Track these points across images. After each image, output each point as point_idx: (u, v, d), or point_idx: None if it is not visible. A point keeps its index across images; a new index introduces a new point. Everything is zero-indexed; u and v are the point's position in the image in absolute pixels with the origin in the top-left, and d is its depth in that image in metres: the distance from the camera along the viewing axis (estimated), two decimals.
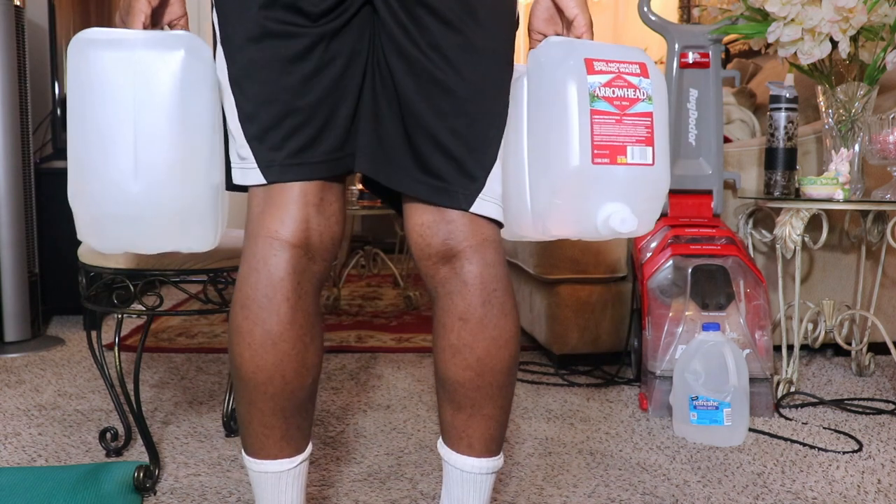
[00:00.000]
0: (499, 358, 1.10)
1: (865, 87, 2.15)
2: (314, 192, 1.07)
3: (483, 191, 1.07)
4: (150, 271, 1.59)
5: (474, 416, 1.12)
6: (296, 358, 1.07)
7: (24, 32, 2.76)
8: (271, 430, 1.10)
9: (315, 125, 1.04)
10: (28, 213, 2.80)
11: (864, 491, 1.59)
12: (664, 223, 2.24)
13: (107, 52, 1.01)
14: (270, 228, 1.05)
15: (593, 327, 2.41)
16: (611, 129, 1.01)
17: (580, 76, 1.01)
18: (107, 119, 1.02)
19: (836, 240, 2.46)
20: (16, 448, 1.79)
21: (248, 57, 1.03)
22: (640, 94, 1.03)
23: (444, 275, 1.10)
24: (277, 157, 1.05)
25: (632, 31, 5.51)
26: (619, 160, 1.01)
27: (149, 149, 1.02)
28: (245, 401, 1.09)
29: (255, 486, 1.13)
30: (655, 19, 2.31)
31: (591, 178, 1.01)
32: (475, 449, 1.14)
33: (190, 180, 1.06)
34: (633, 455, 1.77)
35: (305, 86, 1.03)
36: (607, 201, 1.03)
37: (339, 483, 1.61)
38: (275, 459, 1.11)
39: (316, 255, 1.08)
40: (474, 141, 1.06)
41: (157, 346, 2.73)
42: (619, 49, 1.05)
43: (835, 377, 2.38)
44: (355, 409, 2.08)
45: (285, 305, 1.05)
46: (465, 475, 1.15)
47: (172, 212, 1.06)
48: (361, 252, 3.70)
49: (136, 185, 1.03)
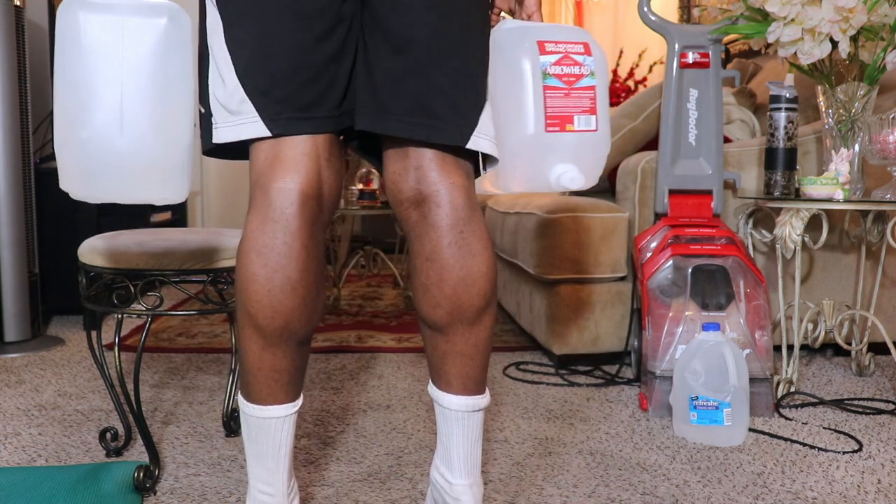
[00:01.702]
0: (466, 296, 1.17)
1: (865, 87, 2.15)
2: (324, 146, 1.14)
3: (477, 128, 1.16)
4: (150, 271, 1.59)
5: (449, 354, 1.20)
6: (311, 303, 1.14)
7: (24, 32, 2.76)
8: (281, 375, 1.15)
9: (324, 82, 1.11)
10: (28, 213, 2.80)
11: (864, 491, 1.59)
12: (664, 223, 2.24)
13: (97, 15, 1.10)
14: (286, 178, 1.11)
15: (593, 327, 2.41)
16: (560, 101, 1.18)
17: (534, 57, 1.17)
18: (95, 76, 1.10)
19: (836, 240, 2.46)
20: (16, 448, 1.79)
21: (256, 14, 1.09)
22: (584, 71, 1.19)
23: (414, 219, 1.19)
24: (285, 111, 1.10)
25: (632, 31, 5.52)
26: (567, 128, 1.18)
27: (133, 105, 1.11)
28: (257, 346, 1.14)
29: (256, 433, 1.18)
30: (655, 19, 2.31)
31: (544, 144, 1.18)
32: (453, 386, 1.22)
33: (168, 136, 1.13)
34: (633, 455, 1.77)
35: (318, 45, 1.10)
36: (558, 162, 1.19)
37: (339, 483, 1.61)
38: (281, 404, 1.17)
39: (325, 205, 1.15)
40: (466, 80, 1.15)
41: (157, 346, 2.73)
42: (565, 30, 1.21)
43: (835, 377, 2.38)
44: (355, 409, 2.08)
45: (304, 253, 1.11)
46: (446, 412, 1.22)
47: (152, 164, 1.13)
48: (361, 252, 3.70)
49: (121, 138, 1.11)
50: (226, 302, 1.65)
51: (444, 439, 1.24)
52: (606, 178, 2.72)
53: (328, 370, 2.44)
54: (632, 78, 5.36)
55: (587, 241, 2.37)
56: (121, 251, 1.61)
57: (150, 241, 1.64)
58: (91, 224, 3.02)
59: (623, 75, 5.40)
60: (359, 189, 3.32)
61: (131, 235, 1.71)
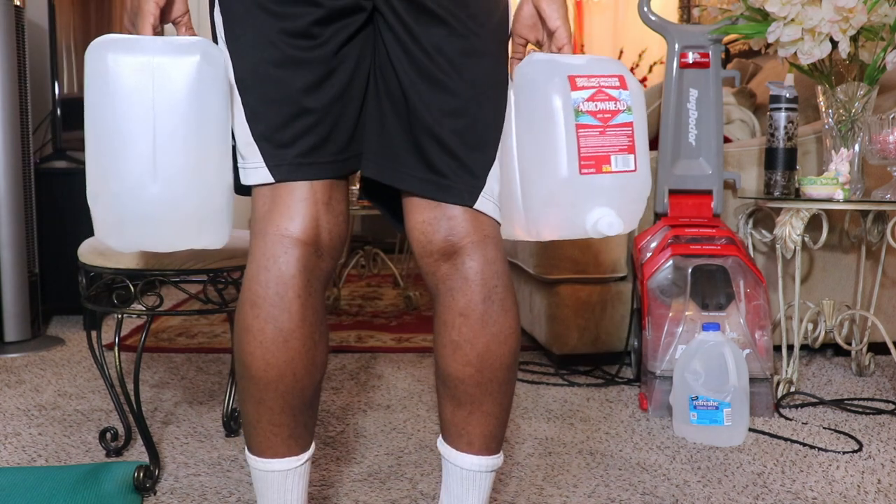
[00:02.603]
0: (499, 354, 1.12)
1: (865, 87, 2.15)
2: (323, 191, 1.09)
3: (484, 189, 1.11)
4: (150, 271, 1.59)
5: (474, 413, 1.14)
6: (306, 355, 1.08)
7: (24, 32, 2.76)
8: (280, 429, 1.10)
9: (326, 126, 1.07)
10: (28, 213, 2.80)
11: (864, 491, 1.59)
12: (664, 223, 2.24)
13: (126, 57, 1.04)
14: (280, 226, 1.07)
15: (593, 327, 2.41)
16: (595, 140, 1.09)
17: (564, 93, 1.08)
18: (126, 122, 1.04)
19: (836, 240, 2.46)
20: (16, 448, 1.79)
21: (260, 57, 1.05)
22: (620, 106, 1.11)
23: (445, 271, 1.12)
24: (287, 156, 1.07)
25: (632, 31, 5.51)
26: (604, 169, 1.09)
27: (167, 151, 1.04)
28: (253, 399, 1.09)
29: (260, 485, 1.14)
30: (655, 19, 2.31)
31: (579, 187, 1.09)
32: (475, 446, 1.15)
33: (205, 181, 1.08)
34: (633, 455, 1.77)
35: (319, 88, 1.06)
36: (595, 207, 1.10)
37: (339, 483, 1.61)
38: (282, 458, 1.11)
39: (325, 252, 1.10)
40: (475, 141, 1.10)
41: (157, 346, 2.73)
42: (599, 62, 1.12)
43: (835, 377, 2.38)
44: (355, 409, 2.08)
45: (297, 303, 1.06)
46: (465, 472, 1.16)
47: (189, 211, 1.08)
48: (361, 252, 3.70)
49: (154, 186, 1.05)
50: (226, 302, 1.65)
51: (454, 500, 1.18)
52: None
53: (328, 370, 2.44)
54: None
55: (587, 241, 2.37)
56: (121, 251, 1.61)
57: None
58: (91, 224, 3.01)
59: None
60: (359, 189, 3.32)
61: None
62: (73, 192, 3.02)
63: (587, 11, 5.78)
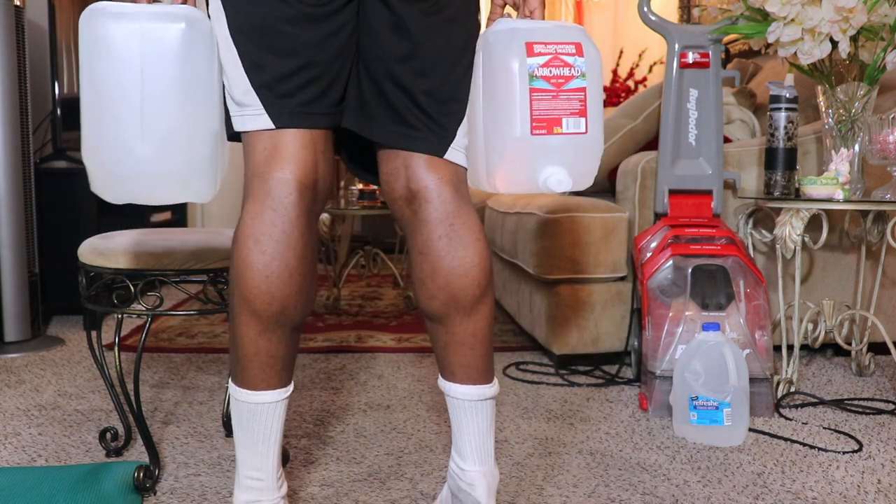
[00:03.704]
0: (460, 287, 1.21)
1: (865, 87, 2.15)
2: (321, 140, 1.19)
3: (455, 141, 1.22)
4: (150, 271, 1.59)
5: (450, 345, 1.24)
6: (306, 289, 1.17)
7: (24, 32, 2.76)
8: (275, 360, 1.18)
9: (326, 80, 1.16)
10: (28, 213, 2.80)
11: (864, 491, 1.59)
12: (664, 223, 2.24)
13: (116, 23, 1.11)
14: (285, 169, 1.15)
15: (593, 327, 2.41)
16: (547, 104, 1.17)
17: (521, 58, 1.16)
18: (116, 84, 1.12)
19: (836, 240, 2.46)
20: (16, 448, 1.79)
21: (268, 11, 1.12)
22: (574, 72, 1.18)
23: (408, 215, 1.24)
24: (289, 105, 1.15)
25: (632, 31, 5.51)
26: (555, 130, 1.18)
27: (153, 111, 1.13)
28: (253, 332, 1.16)
29: (248, 419, 1.20)
30: (655, 19, 2.31)
31: (531, 147, 1.18)
32: (456, 376, 1.25)
33: (191, 140, 1.16)
34: (633, 455, 1.77)
35: (324, 43, 1.14)
36: (546, 165, 1.19)
37: (339, 483, 1.61)
38: (274, 389, 1.20)
39: (320, 196, 1.20)
40: (444, 97, 1.21)
41: (157, 346, 2.73)
42: (559, 29, 1.19)
43: (835, 377, 2.38)
44: (355, 409, 2.08)
45: (301, 241, 1.15)
46: (454, 401, 1.26)
47: (176, 169, 1.16)
48: (361, 252, 3.71)
49: (143, 145, 1.13)
50: (226, 302, 1.65)
51: (456, 430, 1.28)
52: (606, 178, 2.72)
53: (328, 370, 2.44)
54: (632, 78, 5.36)
55: (587, 241, 2.37)
56: (121, 251, 1.62)
57: (150, 241, 1.64)
58: (91, 224, 3.02)
59: (623, 75, 5.40)
60: (359, 189, 3.32)
61: (131, 235, 1.71)
62: (73, 192, 3.02)
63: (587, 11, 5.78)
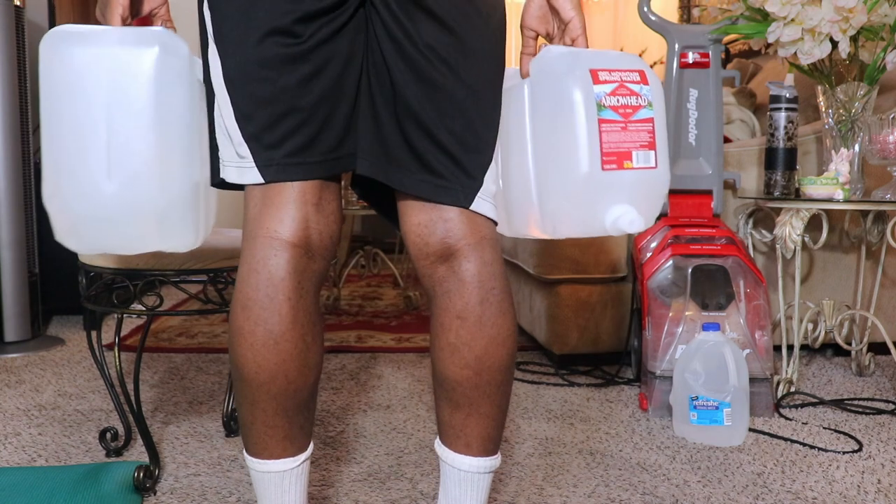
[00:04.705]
0: (497, 356, 1.11)
1: (865, 87, 2.15)
2: (313, 192, 1.07)
3: (481, 190, 1.09)
4: (150, 271, 1.59)
5: (472, 415, 1.13)
6: (298, 357, 1.07)
7: (24, 32, 2.76)
8: (274, 430, 1.10)
9: (314, 125, 1.05)
10: (28, 213, 2.80)
11: (864, 491, 1.59)
12: (664, 223, 2.24)
13: (80, 49, 1.00)
14: (270, 228, 1.05)
15: (593, 327, 2.41)
16: (617, 136, 1.08)
17: (586, 86, 1.07)
18: (79, 118, 1.00)
19: (836, 240, 2.46)
20: (16, 448, 1.79)
21: (245, 55, 1.03)
22: (641, 101, 1.09)
23: (441, 274, 1.11)
24: (276, 157, 1.05)
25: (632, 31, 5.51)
26: (625, 165, 1.08)
27: (122, 148, 1.01)
28: (247, 401, 1.09)
29: (258, 486, 1.14)
30: (655, 19, 2.31)
31: (600, 183, 1.08)
32: (472, 448, 1.15)
33: (166, 180, 1.04)
34: (633, 455, 1.77)
35: (305, 86, 1.03)
36: (615, 203, 1.09)
37: (339, 483, 1.61)
38: (278, 459, 1.11)
39: (316, 254, 1.08)
40: (472, 141, 1.08)
41: (157, 346, 2.73)
42: (618, 57, 1.11)
43: (835, 377, 2.38)
44: (355, 409, 2.08)
45: (286, 305, 1.05)
46: (463, 474, 1.15)
47: (148, 212, 1.04)
48: (361, 252, 3.70)
49: (109, 185, 1.01)
50: (226, 302, 1.64)
51: (452, 502, 1.18)
52: None
53: (328, 370, 2.44)
54: None
55: (587, 240, 2.37)
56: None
57: None
58: None
59: None
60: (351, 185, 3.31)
61: None
62: None
63: (587, 11, 5.78)
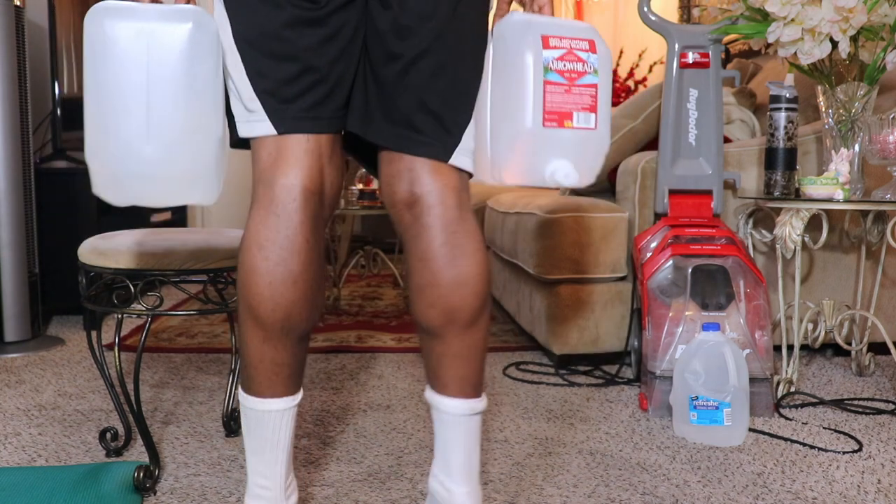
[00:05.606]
0: (460, 296, 1.18)
1: (865, 87, 2.15)
2: (327, 144, 1.17)
3: (460, 144, 1.19)
4: (150, 271, 1.59)
5: (445, 356, 1.21)
6: (311, 297, 1.16)
7: (24, 32, 2.76)
8: (281, 368, 1.17)
9: (328, 84, 1.15)
10: (28, 213, 2.80)
11: (864, 491, 1.59)
12: (664, 223, 2.24)
13: (121, 23, 1.10)
14: (289, 175, 1.14)
15: (593, 327, 2.41)
16: (560, 97, 1.17)
17: (536, 50, 1.16)
18: (121, 85, 1.10)
19: (836, 240, 2.46)
20: (16, 448, 1.79)
21: (266, 17, 1.11)
22: (587, 68, 1.18)
23: (408, 220, 1.20)
24: (290, 110, 1.14)
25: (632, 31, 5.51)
26: (565, 124, 1.18)
27: (160, 112, 1.11)
28: (258, 339, 1.16)
29: (255, 426, 1.20)
30: (655, 19, 2.31)
31: (541, 138, 1.17)
32: (449, 389, 1.22)
33: (197, 140, 1.14)
34: (633, 455, 1.77)
35: (322, 47, 1.13)
36: (554, 158, 1.18)
37: (339, 483, 1.61)
38: (281, 397, 1.19)
39: (327, 201, 1.19)
40: (455, 101, 1.18)
41: (157, 346, 2.73)
42: (572, 26, 1.20)
43: (835, 377, 2.38)
44: (355, 409, 2.08)
45: (305, 247, 1.14)
46: (444, 416, 1.23)
47: (182, 169, 1.15)
48: (361, 252, 3.71)
49: (148, 146, 1.12)
50: (226, 302, 1.65)
51: (442, 445, 1.25)
52: (606, 178, 2.72)
53: (328, 370, 2.44)
54: (632, 78, 5.36)
55: (587, 240, 2.37)
56: (121, 251, 1.62)
57: (150, 241, 1.64)
58: (91, 224, 3.02)
59: (623, 75, 5.39)
60: (359, 189, 3.32)
61: (131, 235, 1.71)
62: (73, 192, 3.02)
63: (587, 11, 5.78)
